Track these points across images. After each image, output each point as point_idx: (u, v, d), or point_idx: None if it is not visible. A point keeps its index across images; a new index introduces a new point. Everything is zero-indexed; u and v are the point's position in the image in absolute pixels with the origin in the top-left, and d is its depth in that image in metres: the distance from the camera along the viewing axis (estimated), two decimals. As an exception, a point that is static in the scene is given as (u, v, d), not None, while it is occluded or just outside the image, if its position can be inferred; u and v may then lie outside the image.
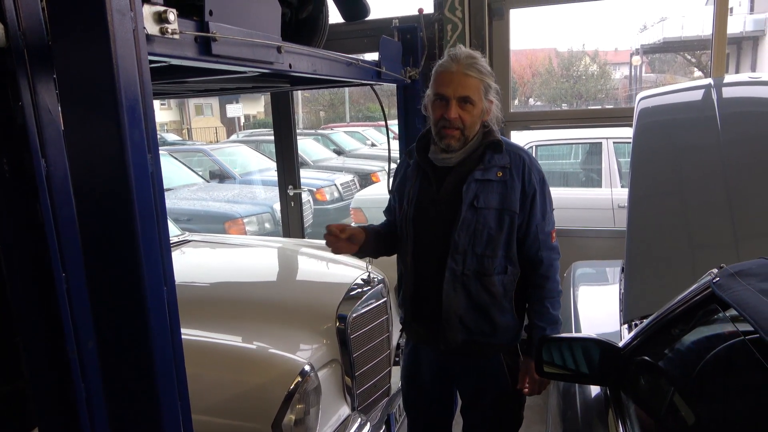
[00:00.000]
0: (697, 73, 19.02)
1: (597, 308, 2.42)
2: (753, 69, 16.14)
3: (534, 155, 5.45)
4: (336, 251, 1.86)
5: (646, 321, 1.49)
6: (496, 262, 1.74)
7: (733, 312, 1.12)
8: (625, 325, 1.90)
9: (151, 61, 1.16)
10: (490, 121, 1.79)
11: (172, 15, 1.15)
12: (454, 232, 1.72)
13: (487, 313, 1.76)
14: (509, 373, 1.85)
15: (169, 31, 1.16)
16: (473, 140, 1.76)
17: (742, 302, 1.03)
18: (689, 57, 19.83)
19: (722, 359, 1.17)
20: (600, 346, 1.47)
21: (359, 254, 1.94)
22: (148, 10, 1.11)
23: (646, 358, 1.39)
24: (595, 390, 1.65)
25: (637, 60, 20.70)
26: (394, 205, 1.96)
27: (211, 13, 1.36)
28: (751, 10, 16.71)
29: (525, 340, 1.87)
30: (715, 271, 1.23)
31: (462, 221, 1.71)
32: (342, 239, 1.81)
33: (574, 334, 1.99)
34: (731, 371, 1.18)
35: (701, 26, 15.94)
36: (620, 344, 1.51)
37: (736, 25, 14.93)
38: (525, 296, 1.84)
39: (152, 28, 1.12)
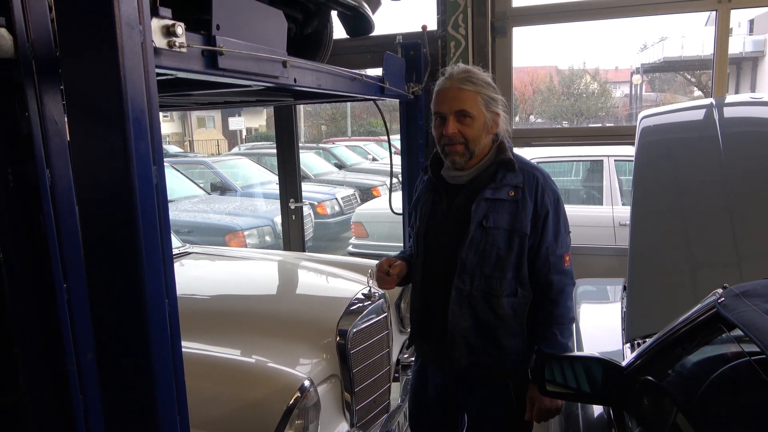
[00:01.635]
0: (697, 92, 19.14)
1: (599, 326, 2.41)
2: (752, 89, 16.26)
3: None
4: (382, 287, 1.92)
5: (649, 340, 1.48)
6: (505, 283, 1.69)
7: (738, 332, 1.12)
8: (628, 344, 1.89)
9: (158, 74, 1.16)
10: (500, 134, 1.76)
11: (180, 29, 1.16)
12: (461, 251, 1.69)
13: (494, 334, 1.72)
14: (517, 399, 1.77)
15: (177, 44, 1.17)
16: (486, 157, 1.74)
17: (748, 323, 1.02)
18: (689, 76, 19.96)
19: (727, 380, 1.16)
20: (603, 365, 1.45)
21: (401, 285, 1.96)
22: (156, 24, 1.12)
23: (650, 377, 1.38)
24: (597, 409, 1.63)
25: (637, 79, 20.85)
26: (414, 221, 1.95)
27: (218, 27, 1.37)
28: (751, 31, 16.88)
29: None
30: (720, 291, 1.22)
31: (470, 240, 1.68)
32: (393, 278, 1.84)
33: (576, 353, 1.98)
34: (736, 392, 1.17)
35: (701, 46, 16.09)
36: (623, 363, 1.50)
37: (735, 46, 15.07)
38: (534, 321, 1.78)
39: (160, 42, 1.13)
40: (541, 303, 1.73)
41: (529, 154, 5.46)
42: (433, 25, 3.57)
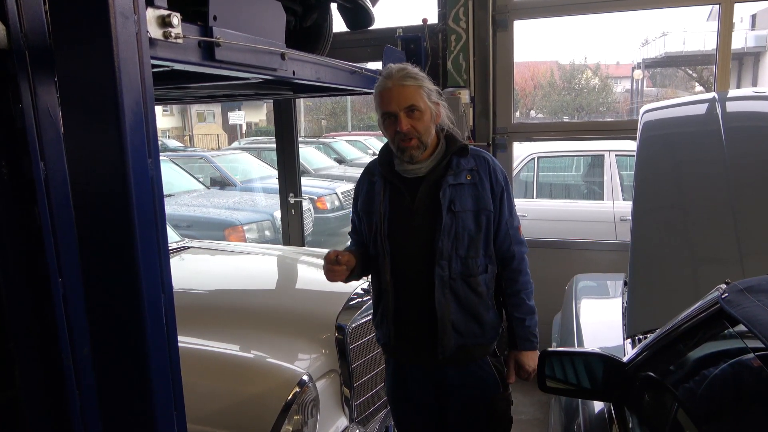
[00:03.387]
0: (698, 87, 19.08)
1: (599, 322, 2.40)
2: (754, 84, 16.22)
3: (536, 167, 5.51)
4: (332, 279, 1.83)
5: (651, 336, 1.47)
6: (478, 262, 1.78)
7: (741, 328, 1.10)
8: (629, 340, 1.88)
9: (154, 66, 1.14)
10: (443, 123, 1.82)
11: (176, 19, 1.14)
12: (437, 239, 1.73)
13: (476, 313, 1.79)
14: (498, 373, 1.87)
15: (173, 35, 1.15)
16: (439, 147, 1.80)
17: (752, 318, 1.01)
18: (690, 72, 19.90)
19: (730, 376, 1.15)
20: (603, 361, 1.45)
21: (348, 279, 1.89)
22: (151, 14, 1.10)
23: (651, 373, 1.37)
24: (598, 405, 1.62)
25: (638, 74, 20.78)
26: (359, 226, 1.92)
27: (215, 18, 1.36)
28: (753, 26, 16.83)
29: (504, 336, 1.90)
30: (724, 286, 1.21)
31: (443, 226, 1.73)
32: (342, 268, 1.79)
33: (577, 348, 1.97)
34: (739, 388, 1.15)
35: (702, 41, 16.05)
36: (624, 359, 1.48)
37: (737, 41, 15.03)
38: (499, 292, 1.89)
39: (155, 32, 1.11)
40: (505, 273, 1.86)
41: (530, 148, 5.47)
42: (433, 19, 3.55)
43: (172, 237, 3.26)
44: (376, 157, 1.91)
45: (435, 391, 1.88)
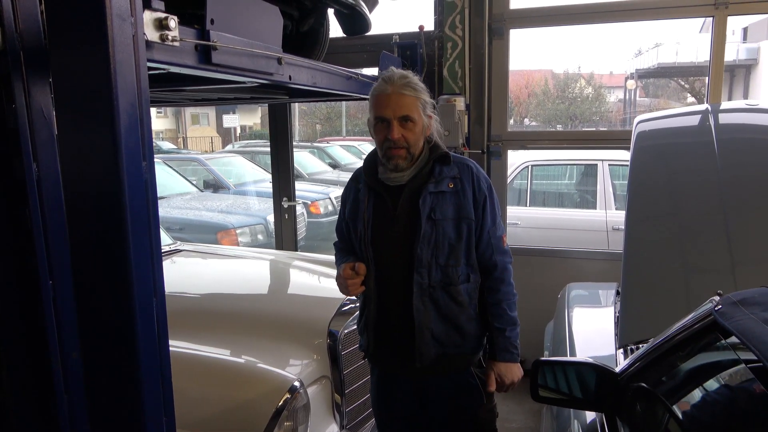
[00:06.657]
0: (690, 98, 19.25)
1: (592, 331, 2.40)
2: (745, 96, 16.38)
3: (529, 175, 5.54)
4: (355, 292, 1.81)
5: (644, 347, 1.47)
6: (459, 270, 1.76)
7: (734, 340, 1.11)
8: (621, 349, 1.88)
9: (150, 68, 1.14)
10: (433, 136, 1.82)
11: (173, 22, 1.14)
12: (416, 247, 1.73)
13: (456, 322, 1.77)
14: (482, 384, 1.84)
15: (170, 38, 1.14)
16: (422, 156, 1.79)
17: (745, 331, 1.01)
18: (683, 83, 20.07)
19: (723, 387, 1.15)
20: (596, 371, 1.45)
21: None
22: (148, 17, 1.09)
23: (644, 384, 1.37)
24: (590, 415, 1.62)
25: (631, 84, 20.92)
26: (347, 235, 1.92)
27: (212, 22, 1.35)
28: (744, 38, 17.00)
29: (486, 346, 1.88)
30: (717, 298, 1.21)
31: (423, 234, 1.73)
32: (361, 277, 1.78)
33: (569, 358, 1.97)
34: (732, 400, 1.16)
35: (695, 53, 16.20)
36: (616, 369, 1.48)
37: (729, 54, 15.15)
38: (483, 302, 1.85)
39: (152, 35, 1.11)
40: (487, 283, 1.83)
41: (524, 156, 5.49)
42: (430, 26, 3.57)
43: (164, 240, 3.24)
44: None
45: (418, 399, 1.87)
